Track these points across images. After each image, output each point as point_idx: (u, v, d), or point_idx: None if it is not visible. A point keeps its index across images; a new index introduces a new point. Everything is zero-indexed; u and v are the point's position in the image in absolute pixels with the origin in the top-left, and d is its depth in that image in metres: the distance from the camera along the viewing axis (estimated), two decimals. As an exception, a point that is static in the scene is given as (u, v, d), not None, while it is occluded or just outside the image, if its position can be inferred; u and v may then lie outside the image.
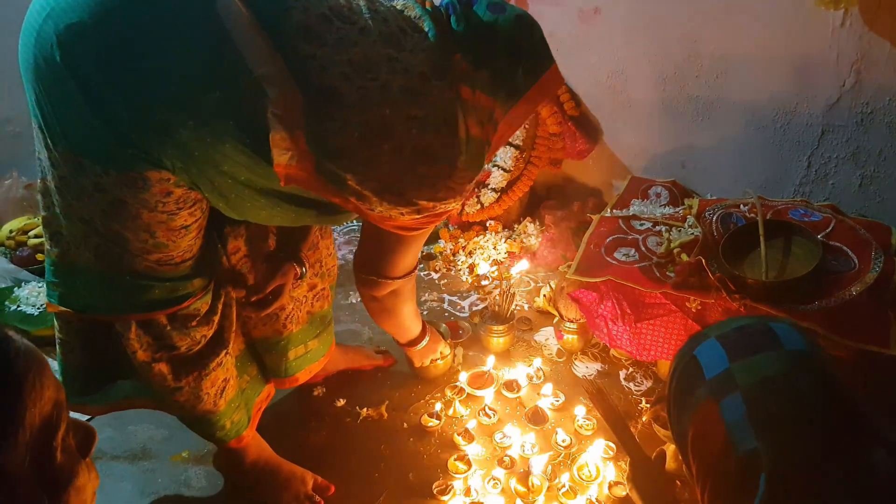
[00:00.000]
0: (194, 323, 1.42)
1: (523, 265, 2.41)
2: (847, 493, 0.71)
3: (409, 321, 1.82)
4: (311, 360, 1.82)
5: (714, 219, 2.06)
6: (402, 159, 1.19)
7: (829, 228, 1.95)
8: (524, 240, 2.66)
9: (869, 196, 2.13)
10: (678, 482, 1.36)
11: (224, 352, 1.50)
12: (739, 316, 0.91)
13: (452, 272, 2.59)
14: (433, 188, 1.24)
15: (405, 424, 1.92)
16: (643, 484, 1.32)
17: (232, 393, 1.58)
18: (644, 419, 1.84)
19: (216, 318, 1.47)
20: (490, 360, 2.05)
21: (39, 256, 2.65)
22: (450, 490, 1.69)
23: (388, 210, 1.25)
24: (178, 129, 1.12)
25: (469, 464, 1.75)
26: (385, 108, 1.16)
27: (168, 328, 1.38)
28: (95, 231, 1.25)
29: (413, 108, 1.18)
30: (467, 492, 1.67)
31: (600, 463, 1.73)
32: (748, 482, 0.75)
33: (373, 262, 1.55)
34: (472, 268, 2.57)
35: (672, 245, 2.01)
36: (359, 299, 2.45)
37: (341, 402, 2.00)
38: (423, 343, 1.91)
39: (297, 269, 1.61)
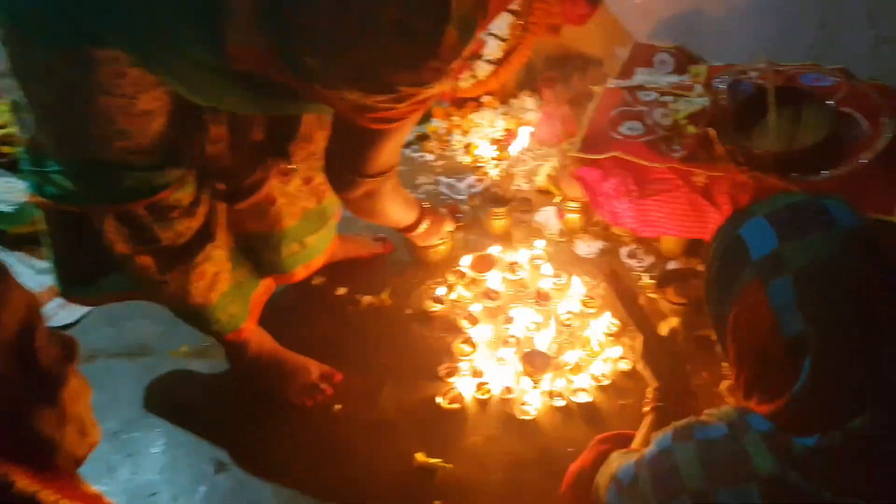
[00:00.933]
0: (176, 214, 1.36)
1: (523, 142, 2.32)
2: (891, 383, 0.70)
3: (397, 215, 1.69)
4: (307, 256, 1.75)
5: (723, 86, 1.97)
6: (377, 35, 1.02)
7: (841, 93, 1.87)
8: (522, 115, 2.56)
9: (882, 58, 2.03)
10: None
11: (211, 245, 1.46)
12: (788, 191, 0.85)
13: (448, 153, 2.51)
14: (416, 69, 1.06)
15: (408, 310, 1.92)
16: (657, 361, 1.32)
17: (225, 286, 1.55)
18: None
19: (201, 210, 1.42)
20: (495, 248, 2.01)
21: (5, 149, 2.42)
22: (456, 372, 1.70)
23: (363, 98, 1.10)
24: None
25: (474, 346, 1.76)
26: None
27: (148, 220, 1.33)
28: (55, 116, 1.20)
29: None
30: (474, 372, 1.69)
31: (603, 339, 1.74)
32: (792, 366, 0.73)
33: (344, 157, 1.36)
34: (468, 147, 2.48)
35: (679, 116, 1.92)
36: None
37: (342, 291, 1.99)
38: (422, 228, 1.81)
39: (282, 164, 1.52)
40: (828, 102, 1.81)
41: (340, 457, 1.60)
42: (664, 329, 1.57)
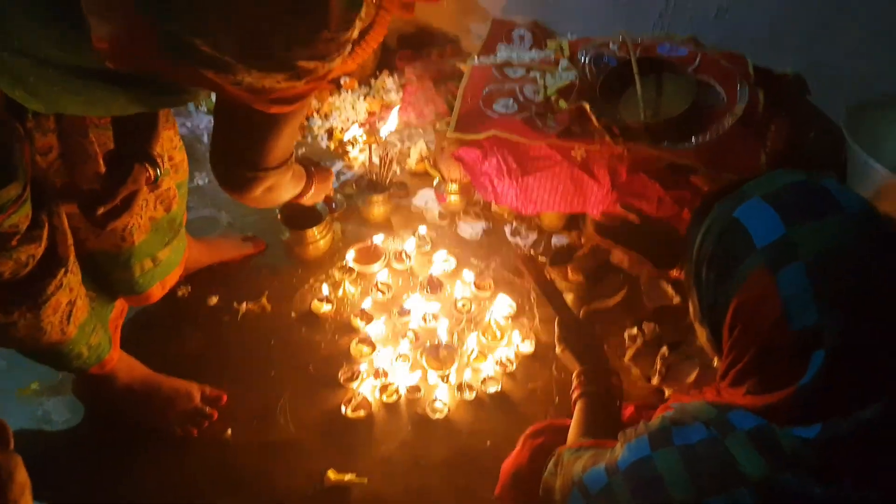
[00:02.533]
0: (14, 242, 1.13)
1: (392, 123, 2.22)
2: None
3: (292, 194, 1.49)
4: (162, 273, 1.55)
5: (587, 60, 1.99)
6: (262, 7, 0.90)
7: (696, 63, 1.95)
8: (384, 96, 2.45)
9: (724, 26, 2.15)
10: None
11: (62, 270, 1.23)
12: (779, 170, 0.80)
13: (309, 139, 2.35)
14: (308, 42, 0.95)
15: (293, 314, 1.77)
16: (576, 344, 1.29)
17: (83, 315, 1.33)
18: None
19: (43, 233, 1.18)
20: (378, 237, 1.91)
21: None
22: (357, 375, 1.60)
23: (261, 79, 0.97)
24: None
25: (372, 345, 1.66)
26: None
27: None
28: None
29: None
30: (376, 374, 1.59)
31: (503, 322, 1.72)
32: (799, 359, 0.71)
33: (240, 153, 1.20)
34: (331, 132, 2.34)
35: (549, 92, 1.92)
36: (206, 180, 2.18)
37: (214, 300, 1.80)
38: (310, 193, 1.56)
39: (150, 172, 1.30)
40: (688, 71, 1.88)
41: (241, 487, 1.43)
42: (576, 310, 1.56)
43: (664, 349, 1.61)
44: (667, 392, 1.58)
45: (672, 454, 0.76)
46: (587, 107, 1.78)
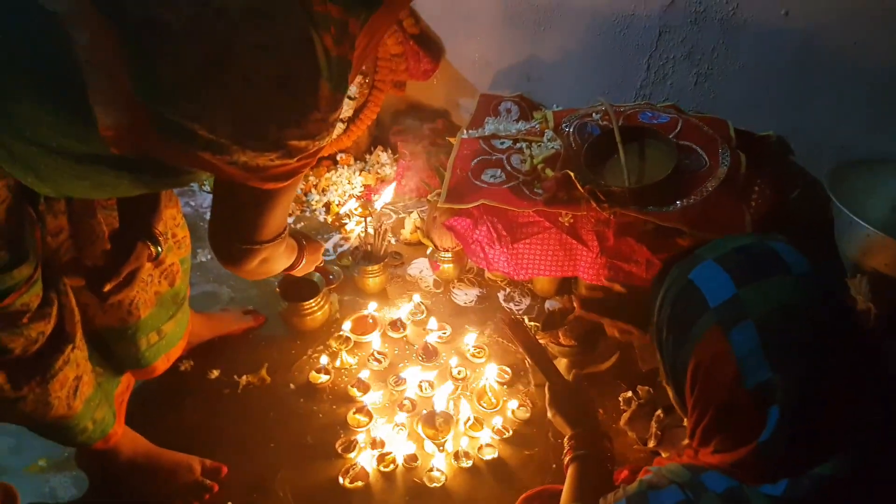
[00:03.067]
0: (25, 320, 1.18)
1: (387, 197, 2.30)
2: (862, 426, 0.71)
3: (284, 266, 1.54)
4: (167, 346, 1.60)
5: (571, 130, 2.07)
6: (255, 92, 1.00)
7: (678, 129, 2.02)
8: (378, 170, 2.53)
9: (704, 93, 2.24)
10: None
11: (70, 347, 1.28)
12: (732, 235, 0.85)
13: (307, 213, 2.42)
14: (299, 123, 1.05)
15: (292, 385, 1.80)
16: (568, 408, 1.31)
17: (89, 391, 1.37)
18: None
19: (53, 311, 1.24)
20: (372, 306, 1.95)
21: None
22: (354, 446, 1.61)
23: (255, 159, 1.05)
24: None
25: (369, 414, 1.68)
26: (222, 33, 0.96)
27: None
28: None
29: (257, 31, 0.98)
30: (374, 444, 1.60)
31: (498, 388, 1.73)
32: (757, 414, 0.73)
33: (236, 228, 1.25)
34: (328, 206, 2.41)
35: (536, 161, 1.99)
36: (209, 257, 2.24)
37: (215, 374, 1.83)
38: (302, 264, 1.62)
39: (152, 249, 1.37)
40: (669, 137, 1.95)
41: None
42: (568, 374, 1.58)
43: (659, 412, 1.61)
44: (664, 455, 1.59)
45: None
46: (572, 174, 1.85)
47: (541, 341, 1.66)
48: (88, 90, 0.91)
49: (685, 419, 0.87)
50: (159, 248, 1.37)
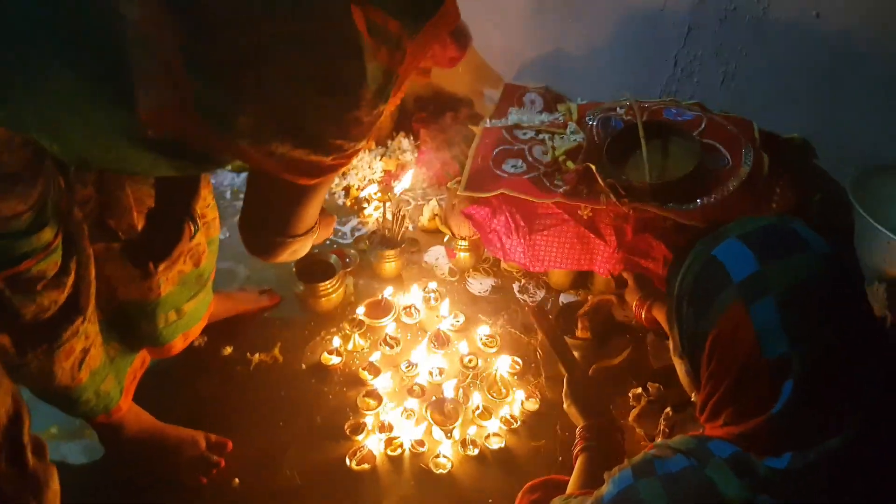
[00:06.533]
0: (40, 287, 1.19)
1: (406, 182, 2.30)
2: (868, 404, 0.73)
3: (306, 251, 1.51)
4: (186, 325, 1.61)
5: (595, 123, 2.06)
6: (297, 87, 1.02)
7: (702, 127, 2.01)
8: (399, 156, 2.54)
9: (730, 91, 2.21)
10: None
11: (80, 318, 1.29)
12: (756, 216, 0.88)
13: (327, 196, 2.43)
14: (339, 123, 1.07)
15: (303, 365, 1.81)
16: (583, 400, 1.32)
17: (96, 363, 1.38)
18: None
19: (69, 280, 1.24)
20: (388, 291, 1.96)
21: None
22: (363, 428, 1.62)
23: (292, 152, 1.07)
24: None
25: (379, 398, 1.69)
26: (267, 26, 0.97)
27: (5, 293, 1.16)
28: None
29: (305, 26, 0.99)
30: (382, 427, 1.61)
31: (508, 379, 1.74)
32: (772, 386, 0.75)
33: (269, 219, 1.29)
34: (347, 190, 2.42)
35: (557, 153, 1.98)
36: (227, 234, 2.25)
37: (228, 350, 1.85)
38: (314, 235, 1.54)
39: (190, 228, 1.39)
40: (693, 135, 1.93)
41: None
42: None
43: (668, 410, 1.61)
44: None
45: (655, 482, 0.80)
46: (593, 167, 1.84)
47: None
48: (133, 68, 0.92)
49: (694, 395, 0.89)
50: (198, 227, 1.39)
